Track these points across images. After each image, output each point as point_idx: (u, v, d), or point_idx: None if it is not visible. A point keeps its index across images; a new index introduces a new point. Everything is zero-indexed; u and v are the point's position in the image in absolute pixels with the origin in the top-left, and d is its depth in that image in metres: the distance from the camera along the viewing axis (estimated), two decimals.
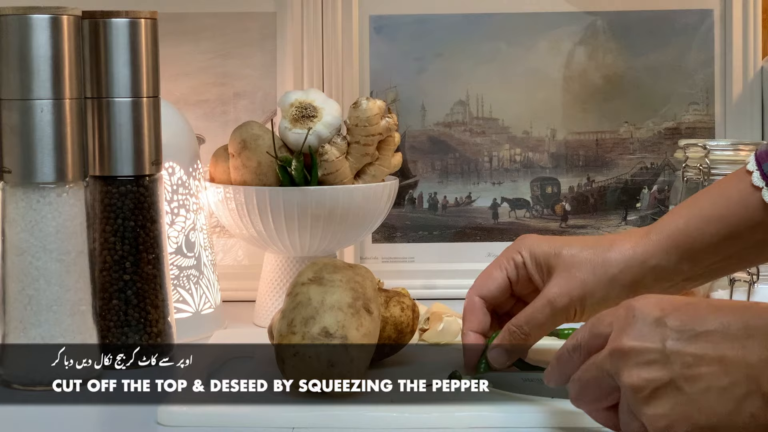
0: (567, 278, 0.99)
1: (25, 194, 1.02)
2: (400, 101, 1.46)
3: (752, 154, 0.97)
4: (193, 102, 1.44)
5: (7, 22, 1.01)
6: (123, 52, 1.08)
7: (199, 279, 1.25)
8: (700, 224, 0.98)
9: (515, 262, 1.02)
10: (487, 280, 1.03)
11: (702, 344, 0.76)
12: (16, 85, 1.01)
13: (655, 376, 0.76)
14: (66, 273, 1.03)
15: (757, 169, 0.96)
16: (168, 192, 1.22)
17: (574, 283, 0.99)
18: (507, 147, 1.47)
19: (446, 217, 1.47)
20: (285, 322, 0.96)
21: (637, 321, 0.77)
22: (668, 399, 0.76)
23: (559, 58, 1.46)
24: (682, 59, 1.46)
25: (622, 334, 0.78)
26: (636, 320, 0.78)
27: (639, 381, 0.76)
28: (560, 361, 0.84)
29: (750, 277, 1.21)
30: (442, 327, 1.13)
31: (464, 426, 0.92)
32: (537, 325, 0.99)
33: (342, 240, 1.27)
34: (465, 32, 1.46)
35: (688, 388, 0.76)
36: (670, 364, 0.76)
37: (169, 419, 0.94)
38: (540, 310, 0.99)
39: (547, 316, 0.99)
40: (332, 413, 0.93)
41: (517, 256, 1.02)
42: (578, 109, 1.47)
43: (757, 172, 0.96)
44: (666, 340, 0.76)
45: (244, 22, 1.45)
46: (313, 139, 1.23)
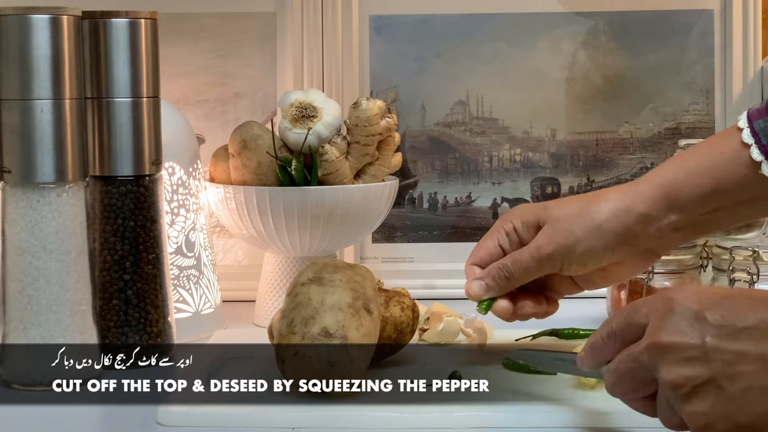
0: (554, 228, 1.00)
1: (25, 194, 1.02)
2: (400, 101, 1.46)
3: (744, 112, 0.98)
4: (193, 102, 1.44)
5: (7, 22, 1.01)
6: (123, 52, 1.08)
7: (199, 279, 1.25)
8: (688, 176, 0.98)
9: (505, 230, 1.03)
10: (480, 250, 1.05)
11: (743, 342, 0.75)
12: (16, 85, 1.01)
13: (695, 373, 0.75)
14: (66, 273, 1.03)
15: (748, 126, 0.96)
16: (168, 192, 1.22)
17: (561, 232, 1.00)
18: (507, 147, 1.47)
19: (446, 217, 1.47)
20: (285, 322, 0.96)
21: (676, 315, 0.76)
22: (708, 397, 0.75)
23: (559, 58, 1.46)
24: (682, 59, 1.46)
25: (661, 328, 0.76)
26: (674, 314, 0.76)
27: (678, 378, 0.75)
28: (594, 347, 0.83)
29: (750, 277, 1.21)
30: (442, 327, 1.13)
31: (464, 426, 0.92)
32: (522, 268, 1.01)
33: (342, 240, 1.27)
34: (465, 32, 1.46)
35: (729, 386, 0.74)
36: (711, 362, 0.75)
37: (169, 419, 0.94)
38: (527, 254, 1.01)
39: (533, 260, 1.00)
40: (332, 413, 0.93)
41: (507, 224, 1.04)
42: (578, 109, 1.47)
43: (747, 129, 0.96)
44: (706, 336, 0.75)
45: (244, 22, 1.45)
46: (313, 139, 1.23)
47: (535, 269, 1.01)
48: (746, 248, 1.22)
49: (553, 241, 1.00)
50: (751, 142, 0.96)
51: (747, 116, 0.97)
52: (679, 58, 1.46)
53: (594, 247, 0.99)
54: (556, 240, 1.00)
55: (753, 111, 0.97)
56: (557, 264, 1.00)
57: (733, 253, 1.22)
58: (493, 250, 1.04)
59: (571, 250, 0.99)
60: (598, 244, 0.99)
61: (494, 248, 1.04)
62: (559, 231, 1.00)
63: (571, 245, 0.99)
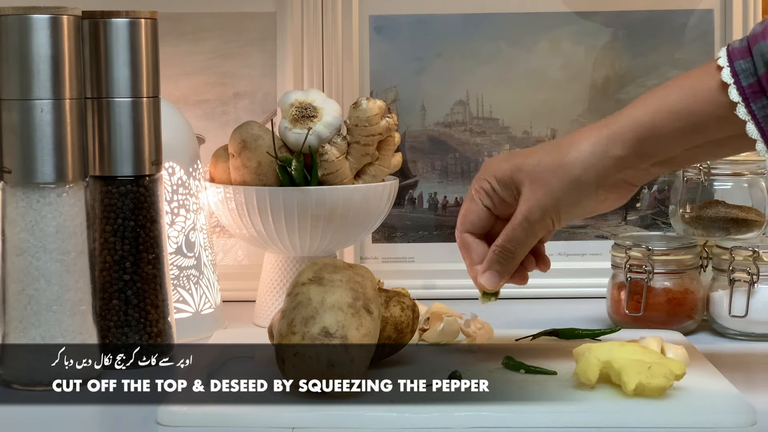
0: (534, 190, 1.00)
1: (25, 194, 1.02)
2: (400, 101, 1.46)
3: (723, 48, 0.96)
4: (193, 102, 1.44)
5: (7, 22, 1.01)
6: (123, 52, 1.09)
7: (199, 279, 1.25)
8: (665, 118, 0.97)
9: (485, 190, 1.04)
10: (467, 215, 1.05)
11: None
12: (16, 85, 1.01)
13: None
14: (66, 273, 1.03)
15: (728, 65, 0.95)
16: (168, 192, 1.22)
17: (542, 192, 1.00)
18: (507, 147, 1.47)
19: (446, 217, 1.47)
20: (285, 322, 0.96)
21: None
22: None
23: (559, 58, 1.46)
24: (682, 59, 1.46)
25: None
26: None
27: None
28: None
29: (750, 277, 1.21)
30: (442, 327, 1.13)
31: (464, 426, 0.92)
32: (519, 242, 1.02)
33: (342, 240, 1.27)
34: (465, 32, 1.46)
35: None
36: None
37: (169, 419, 0.94)
38: (518, 227, 1.01)
39: (526, 230, 1.01)
40: (332, 413, 0.93)
41: (484, 183, 1.04)
42: (578, 109, 1.47)
43: (728, 68, 0.95)
44: None
45: (244, 22, 1.45)
46: (313, 139, 1.23)
47: (530, 237, 1.02)
48: (746, 248, 1.22)
49: (536, 205, 1.00)
50: (730, 81, 0.94)
51: (727, 54, 0.95)
52: (679, 57, 1.46)
53: (577, 200, 1.00)
54: (540, 203, 1.00)
55: (734, 50, 0.95)
56: (548, 224, 1.01)
57: (733, 253, 1.22)
58: (482, 214, 1.04)
59: (556, 207, 1.00)
60: (580, 197, 1.00)
61: (482, 210, 1.04)
62: (539, 191, 1.00)
63: (555, 203, 1.00)
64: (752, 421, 0.93)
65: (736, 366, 1.10)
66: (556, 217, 1.01)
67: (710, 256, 1.27)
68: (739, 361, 1.15)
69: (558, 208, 1.00)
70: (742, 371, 1.10)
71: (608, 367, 0.97)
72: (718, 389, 0.99)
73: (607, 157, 0.99)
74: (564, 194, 0.99)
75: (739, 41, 0.96)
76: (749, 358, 1.16)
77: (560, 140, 1.02)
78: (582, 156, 0.99)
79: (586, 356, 0.98)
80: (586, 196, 1.00)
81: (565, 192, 0.99)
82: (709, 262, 1.27)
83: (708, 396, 0.97)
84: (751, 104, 0.93)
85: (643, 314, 1.23)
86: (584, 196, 1.00)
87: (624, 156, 0.98)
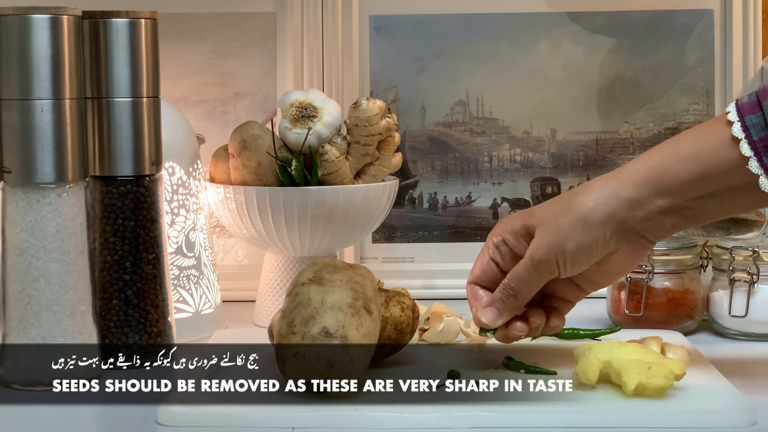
0: (544, 231, 1.00)
1: (25, 194, 1.02)
2: (400, 101, 1.46)
3: (732, 104, 0.97)
4: (193, 102, 1.44)
5: (7, 22, 1.01)
6: (123, 52, 1.09)
7: (199, 279, 1.25)
8: (675, 162, 0.97)
9: (494, 243, 1.03)
10: (475, 268, 1.05)
11: None
12: (16, 85, 1.01)
13: None
14: (66, 273, 1.03)
15: (739, 120, 0.95)
16: (168, 192, 1.22)
17: (549, 232, 0.99)
18: (507, 147, 1.47)
19: (446, 217, 1.47)
20: (285, 322, 0.96)
21: None
22: None
23: (559, 58, 1.46)
24: (682, 59, 1.46)
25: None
26: None
27: None
28: None
29: (750, 277, 1.21)
30: (442, 327, 1.13)
31: (464, 426, 0.92)
32: (522, 281, 1.01)
33: (342, 240, 1.27)
34: (465, 32, 1.46)
35: None
36: None
37: (169, 419, 0.94)
38: (522, 265, 1.00)
39: (529, 269, 1.00)
40: (332, 413, 0.93)
41: (495, 237, 1.04)
42: (578, 110, 1.47)
43: (738, 123, 0.95)
44: None
45: (244, 22, 1.45)
46: (313, 139, 1.23)
47: (534, 278, 1.00)
48: (746, 248, 1.22)
49: (543, 243, 0.99)
50: (741, 136, 0.95)
51: (737, 109, 0.96)
52: (679, 58, 1.46)
53: (583, 240, 0.98)
54: (546, 241, 0.99)
55: (743, 104, 0.96)
56: (553, 266, 0.99)
57: (733, 253, 1.22)
58: (486, 266, 1.04)
59: (562, 247, 0.99)
60: (587, 237, 0.98)
61: (487, 263, 1.03)
62: (548, 232, 0.99)
63: (561, 242, 0.99)
64: (752, 421, 0.93)
65: (736, 366, 1.10)
66: (561, 256, 0.99)
67: (710, 256, 1.27)
68: (739, 361, 1.15)
69: (564, 247, 0.99)
70: (742, 371, 1.10)
71: (608, 367, 0.97)
72: (718, 389, 0.99)
73: (617, 199, 0.98)
74: (570, 232, 0.98)
75: (747, 96, 0.97)
76: (749, 358, 1.16)
77: (573, 189, 1.03)
78: (592, 197, 0.99)
79: (586, 356, 0.98)
80: (594, 237, 0.98)
81: (572, 230, 0.98)
82: (709, 262, 1.27)
83: (708, 396, 0.97)
84: (763, 158, 0.94)
85: (643, 314, 1.23)
86: (591, 236, 0.98)
87: (634, 198, 0.98)
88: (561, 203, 1.01)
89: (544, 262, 0.99)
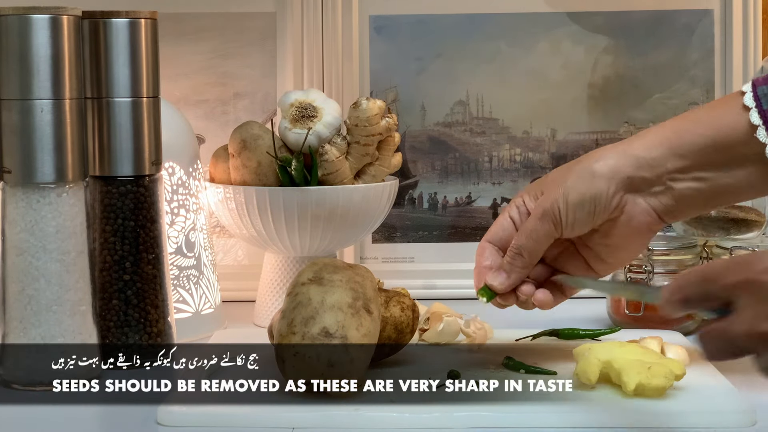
0: (551, 185, 1.01)
1: (25, 194, 1.02)
2: (400, 101, 1.46)
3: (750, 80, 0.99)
4: (193, 102, 1.44)
5: (7, 22, 1.01)
6: (123, 52, 1.08)
7: (199, 279, 1.25)
8: (687, 125, 0.99)
9: (515, 204, 1.04)
10: (493, 227, 1.05)
11: None
12: (16, 85, 1.01)
13: None
14: (66, 273, 1.03)
15: (751, 91, 0.97)
16: (168, 192, 1.22)
17: (556, 185, 1.00)
18: (507, 147, 1.47)
19: (446, 217, 1.47)
20: (285, 322, 0.96)
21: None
22: None
23: (559, 58, 1.46)
24: (682, 59, 1.46)
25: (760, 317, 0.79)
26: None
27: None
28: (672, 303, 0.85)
29: None
30: (442, 327, 1.13)
31: (464, 426, 0.92)
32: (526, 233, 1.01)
33: (342, 240, 1.27)
34: (465, 32, 1.46)
35: None
36: None
37: (169, 419, 0.94)
38: (528, 220, 1.01)
39: (533, 220, 1.01)
40: (332, 413, 0.93)
41: (517, 199, 1.05)
42: (578, 109, 1.47)
43: (750, 93, 0.97)
44: None
45: (244, 22, 1.45)
46: (313, 139, 1.23)
47: (538, 229, 1.00)
48: (746, 248, 1.22)
49: (548, 195, 1.00)
50: (751, 105, 0.96)
51: (752, 82, 0.98)
52: (679, 57, 1.46)
53: (586, 191, 0.99)
54: (551, 193, 1.00)
55: (758, 78, 0.98)
56: (557, 217, 0.99)
57: (733, 253, 1.22)
58: (505, 224, 1.04)
59: (565, 198, 0.99)
60: (590, 188, 0.99)
61: (506, 222, 1.04)
62: (554, 186, 1.00)
63: (564, 193, 0.99)
64: (752, 421, 0.93)
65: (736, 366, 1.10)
66: (563, 207, 0.99)
67: (710, 256, 1.27)
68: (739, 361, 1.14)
69: (567, 198, 0.99)
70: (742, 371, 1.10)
71: (608, 367, 0.97)
72: (718, 389, 0.99)
73: (626, 155, 0.99)
74: (574, 183, 0.99)
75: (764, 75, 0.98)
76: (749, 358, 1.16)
77: None
78: (602, 154, 1.00)
79: (586, 356, 0.98)
80: (597, 189, 0.98)
81: (576, 181, 0.99)
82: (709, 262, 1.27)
83: (708, 396, 0.97)
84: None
85: (643, 314, 1.23)
86: (595, 187, 0.98)
87: (643, 156, 0.99)
88: (573, 162, 1.02)
89: (547, 211, 1.00)
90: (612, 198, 0.99)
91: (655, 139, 1.00)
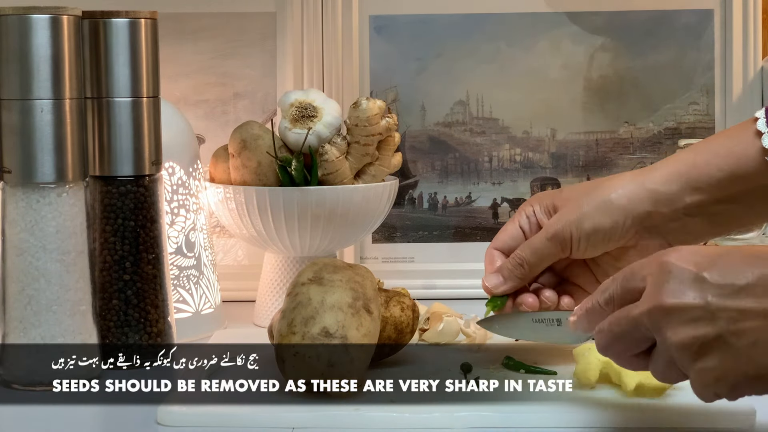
0: (566, 207, 1.01)
1: (25, 194, 1.02)
2: (400, 101, 1.46)
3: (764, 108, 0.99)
4: (193, 102, 1.44)
5: (7, 22, 1.01)
6: (123, 52, 1.09)
7: (199, 279, 1.25)
8: (706, 158, 0.98)
9: (525, 213, 1.04)
10: (501, 234, 1.05)
11: (745, 299, 0.77)
12: (16, 85, 1.01)
13: (702, 333, 0.77)
14: (66, 273, 1.03)
15: (765, 117, 0.97)
16: (168, 192, 1.22)
17: (571, 209, 1.00)
18: (507, 147, 1.47)
19: (446, 217, 1.47)
20: (285, 322, 0.96)
21: (674, 277, 0.78)
22: (716, 354, 0.77)
23: (559, 58, 1.46)
24: (682, 59, 1.46)
25: (661, 292, 0.78)
26: (672, 276, 0.78)
27: (687, 338, 0.77)
28: (590, 312, 0.85)
29: None
30: (442, 327, 1.13)
31: (465, 426, 0.92)
32: (532, 249, 1.01)
33: (342, 240, 1.27)
34: (465, 32, 1.46)
35: (736, 342, 0.76)
36: (716, 320, 0.77)
37: (169, 419, 0.94)
38: (537, 236, 1.01)
39: (542, 239, 1.01)
40: (332, 413, 0.93)
41: (527, 208, 1.05)
42: (578, 109, 1.47)
43: (763, 119, 0.97)
44: (707, 296, 0.77)
45: (244, 22, 1.45)
46: (313, 139, 1.23)
47: (546, 249, 1.01)
48: None
49: (562, 218, 1.00)
50: (764, 130, 0.97)
51: (765, 108, 0.98)
52: (679, 58, 1.46)
53: (602, 223, 0.99)
54: (565, 216, 1.00)
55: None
56: (567, 242, 1.00)
57: None
58: (514, 233, 1.04)
59: (579, 225, 0.99)
60: (607, 219, 0.99)
61: (515, 231, 1.04)
62: (569, 208, 1.00)
63: (579, 220, 0.99)
64: (752, 421, 0.93)
65: None
66: (576, 233, 0.99)
67: None
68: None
69: (581, 225, 0.99)
70: None
71: (608, 367, 0.97)
72: None
73: (643, 188, 0.99)
74: (590, 212, 0.99)
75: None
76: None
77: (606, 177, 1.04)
78: (620, 183, 1.00)
79: (586, 356, 0.98)
80: (613, 222, 0.99)
81: (593, 211, 0.99)
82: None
83: None
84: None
85: None
86: (611, 220, 0.99)
87: (662, 191, 0.99)
88: (589, 185, 1.02)
89: (558, 234, 1.00)
90: (627, 231, 0.99)
91: (673, 170, 0.99)
